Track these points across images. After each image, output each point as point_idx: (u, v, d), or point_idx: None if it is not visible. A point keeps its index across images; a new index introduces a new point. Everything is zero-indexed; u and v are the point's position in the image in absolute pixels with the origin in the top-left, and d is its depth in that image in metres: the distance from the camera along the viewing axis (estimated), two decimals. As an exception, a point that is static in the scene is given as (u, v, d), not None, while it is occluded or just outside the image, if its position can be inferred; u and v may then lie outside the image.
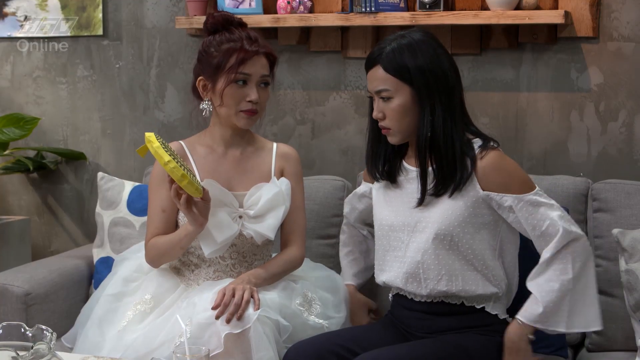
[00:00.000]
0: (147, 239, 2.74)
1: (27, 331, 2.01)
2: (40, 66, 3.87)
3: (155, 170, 2.76)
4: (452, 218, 2.46)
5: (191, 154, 2.77)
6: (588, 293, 2.46)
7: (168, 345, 2.47)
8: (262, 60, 2.69)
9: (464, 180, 2.45)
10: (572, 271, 2.42)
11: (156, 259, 2.74)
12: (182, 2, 3.63)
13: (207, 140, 2.80)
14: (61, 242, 3.91)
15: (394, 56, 2.45)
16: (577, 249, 2.43)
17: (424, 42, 2.47)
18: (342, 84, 3.47)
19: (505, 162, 2.48)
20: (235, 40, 2.68)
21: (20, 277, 2.98)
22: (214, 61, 2.68)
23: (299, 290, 2.69)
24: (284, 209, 2.70)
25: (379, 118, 2.50)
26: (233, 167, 2.76)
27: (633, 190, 2.89)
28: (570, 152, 3.22)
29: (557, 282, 2.42)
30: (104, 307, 2.74)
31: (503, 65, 3.27)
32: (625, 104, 3.14)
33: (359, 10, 3.22)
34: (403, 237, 2.53)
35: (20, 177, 3.94)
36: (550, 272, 2.43)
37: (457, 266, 2.48)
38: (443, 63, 2.46)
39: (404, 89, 2.45)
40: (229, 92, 2.67)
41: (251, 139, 2.83)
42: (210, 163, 2.76)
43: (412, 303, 2.57)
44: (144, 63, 3.73)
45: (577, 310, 2.44)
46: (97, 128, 3.82)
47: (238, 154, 2.79)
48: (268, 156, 2.82)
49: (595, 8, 3.11)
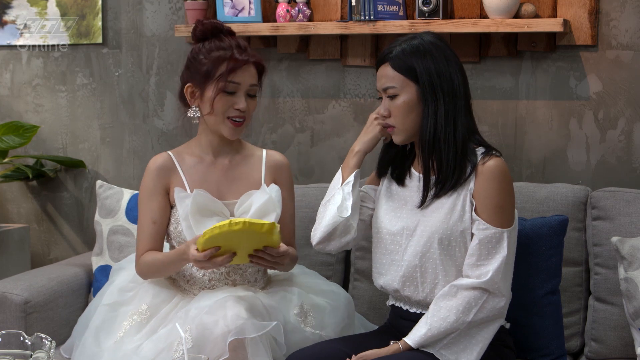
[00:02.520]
0: (139, 253, 2.74)
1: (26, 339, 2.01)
2: (40, 74, 3.88)
3: (145, 183, 2.76)
4: (450, 222, 2.46)
5: (179, 164, 2.77)
6: (474, 343, 2.44)
7: (166, 355, 2.47)
8: (251, 70, 2.70)
9: (461, 182, 2.46)
10: (472, 317, 2.42)
11: (148, 275, 2.76)
12: (181, 11, 3.63)
13: (195, 149, 2.80)
14: (60, 250, 3.91)
15: (403, 55, 2.48)
16: (490, 304, 2.43)
17: (434, 45, 2.49)
18: (342, 92, 3.47)
19: (504, 175, 2.47)
20: (225, 49, 2.68)
21: (20, 285, 2.97)
22: (203, 69, 2.68)
23: (295, 301, 2.70)
24: (275, 216, 2.69)
25: (384, 116, 2.53)
26: (222, 176, 2.76)
27: (632, 198, 2.89)
28: (569, 160, 3.22)
29: (454, 316, 2.42)
30: (100, 317, 2.73)
31: (502, 74, 3.27)
32: (624, 112, 3.15)
33: (358, 18, 3.22)
34: (401, 240, 2.54)
35: (20, 185, 3.94)
36: (458, 300, 2.42)
37: (453, 272, 2.48)
38: (451, 67, 2.48)
39: (409, 86, 2.47)
40: (218, 100, 2.67)
41: (239, 147, 2.83)
42: (199, 172, 2.76)
43: (408, 314, 2.57)
44: (143, 71, 3.73)
45: (454, 346, 2.43)
46: (97, 136, 3.82)
47: (227, 162, 2.79)
48: (257, 163, 2.81)
49: (594, 16, 3.12)
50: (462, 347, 2.43)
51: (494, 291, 2.43)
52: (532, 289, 2.71)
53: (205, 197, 2.66)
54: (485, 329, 2.45)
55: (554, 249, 2.75)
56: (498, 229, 2.44)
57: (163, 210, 2.74)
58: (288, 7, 3.36)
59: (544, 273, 2.73)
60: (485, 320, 2.44)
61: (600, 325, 2.86)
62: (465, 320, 2.42)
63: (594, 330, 2.88)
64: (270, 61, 3.51)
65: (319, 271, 3.02)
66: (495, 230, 2.44)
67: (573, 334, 2.92)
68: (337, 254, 3.17)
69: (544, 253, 2.73)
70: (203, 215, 2.63)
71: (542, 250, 2.72)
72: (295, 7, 3.36)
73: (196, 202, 2.64)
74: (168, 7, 3.66)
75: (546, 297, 2.73)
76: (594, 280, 2.89)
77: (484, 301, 2.43)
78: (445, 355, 2.43)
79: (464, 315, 2.42)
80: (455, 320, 2.41)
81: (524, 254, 2.65)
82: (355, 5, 3.22)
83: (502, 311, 2.47)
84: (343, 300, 2.81)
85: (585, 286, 2.94)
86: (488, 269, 2.43)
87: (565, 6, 3.13)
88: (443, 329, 2.41)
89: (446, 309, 2.43)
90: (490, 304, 2.43)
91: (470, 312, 2.42)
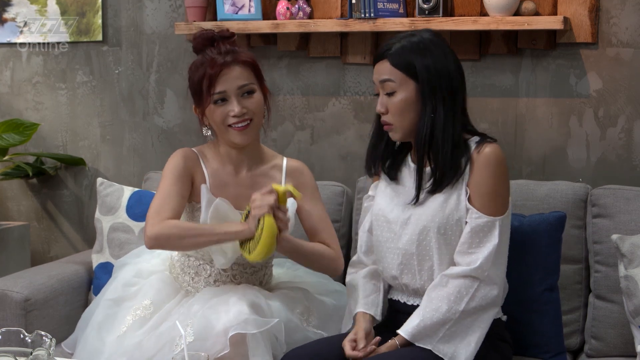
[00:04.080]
0: (163, 216, 2.58)
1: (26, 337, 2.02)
2: (40, 72, 3.88)
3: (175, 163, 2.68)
4: (447, 211, 2.46)
5: (204, 163, 2.75)
6: (470, 333, 2.43)
7: (168, 351, 2.48)
8: (235, 71, 2.65)
9: (457, 178, 2.46)
10: (464, 306, 2.42)
11: (168, 239, 2.57)
12: (181, 8, 3.63)
13: (218, 155, 2.76)
14: (60, 248, 3.91)
15: (402, 52, 2.47)
16: (482, 292, 2.43)
17: (432, 42, 2.48)
18: (342, 90, 3.47)
19: (500, 162, 2.46)
20: (204, 63, 2.65)
21: (20, 282, 2.98)
22: (194, 89, 2.69)
23: (299, 300, 2.71)
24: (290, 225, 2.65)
25: (381, 112, 2.52)
26: (243, 187, 2.73)
27: (632, 196, 2.89)
28: (569, 157, 3.22)
29: (446, 306, 2.42)
30: (103, 312, 2.74)
31: (502, 71, 3.27)
32: (624, 110, 3.15)
33: (358, 16, 3.22)
34: (396, 229, 2.54)
35: (20, 183, 3.94)
36: (449, 290, 2.43)
37: (448, 259, 2.48)
38: (450, 64, 2.47)
39: (408, 83, 2.46)
40: (213, 113, 2.66)
41: (259, 156, 2.78)
42: (220, 178, 2.73)
43: (406, 307, 2.57)
44: (143, 69, 3.73)
45: (451, 339, 2.42)
46: (97, 134, 3.82)
47: (248, 174, 2.75)
48: (278, 174, 2.78)
49: (595, 14, 3.12)
50: (459, 340, 2.42)
51: (484, 279, 2.43)
52: (531, 286, 2.71)
53: (226, 206, 2.65)
54: (479, 319, 2.44)
55: (552, 245, 2.75)
56: (490, 217, 2.43)
57: (188, 192, 2.69)
58: (288, 4, 3.36)
59: (542, 270, 2.73)
60: (478, 309, 2.43)
61: (600, 323, 2.86)
62: (457, 309, 2.41)
63: (594, 327, 2.88)
64: (270, 59, 3.51)
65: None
66: (488, 219, 2.43)
67: (573, 331, 2.92)
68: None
69: (542, 250, 2.73)
70: (220, 222, 2.62)
71: (540, 246, 2.72)
72: (295, 5, 3.36)
73: (217, 209, 2.64)
74: (168, 4, 3.66)
75: (545, 294, 2.73)
76: (594, 277, 2.89)
77: (475, 289, 2.42)
78: (443, 350, 2.41)
79: (456, 304, 2.41)
80: (448, 310, 2.41)
81: (522, 250, 2.65)
82: (355, 2, 3.22)
83: (495, 300, 2.46)
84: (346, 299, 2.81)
85: (586, 284, 2.94)
86: (478, 256, 2.43)
87: (565, 4, 3.13)
88: (436, 319, 2.41)
89: (438, 299, 2.43)
90: (482, 292, 2.43)
91: (462, 301, 2.42)
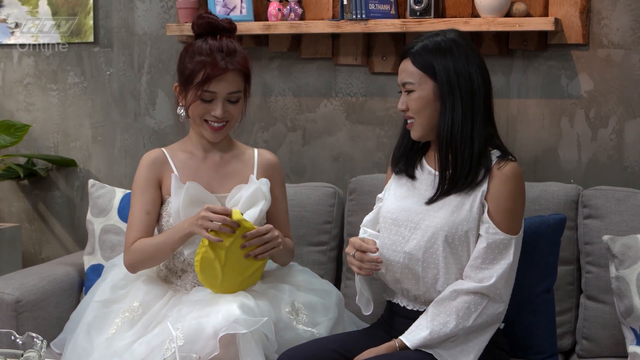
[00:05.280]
0: (129, 242, 2.72)
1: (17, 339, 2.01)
2: (31, 73, 3.87)
3: (139, 175, 2.76)
4: (457, 220, 2.47)
5: (172, 160, 2.78)
6: (471, 345, 2.45)
7: (158, 353, 2.47)
8: (232, 77, 2.67)
9: (474, 184, 2.47)
10: (472, 322, 2.43)
11: (139, 263, 2.72)
12: (173, 9, 3.63)
13: (188, 145, 2.82)
14: (52, 249, 3.90)
15: (423, 52, 2.50)
16: (490, 310, 2.45)
17: (455, 43, 2.50)
18: (333, 91, 3.47)
19: (520, 181, 2.50)
20: (207, 54, 2.65)
21: (11, 284, 2.97)
22: (185, 72, 2.69)
23: (287, 299, 2.70)
24: (264, 204, 2.70)
25: (401, 110, 2.55)
26: (213, 171, 2.78)
27: (623, 197, 2.89)
28: (560, 158, 3.23)
29: (454, 321, 2.43)
30: (92, 313, 2.73)
31: (493, 72, 3.26)
32: (616, 111, 3.15)
33: (350, 17, 3.22)
34: (405, 232, 2.54)
35: (11, 184, 3.93)
36: (458, 305, 2.43)
37: (454, 270, 2.48)
38: (471, 65, 2.49)
39: (427, 82, 2.49)
40: (194, 107, 2.68)
41: (230, 145, 2.84)
42: (190, 167, 2.77)
43: (405, 311, 2.57)
44: (134, 70, 3.73)
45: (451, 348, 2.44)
46: (88, 135, 3.82)
47: (218, 158, 2.80)
48: (249, 161, 2.82)
49: (585, 15, 3.12)
50: (460, 350, 2.44)
51: (495, 297, 2.44)
52: (528, 288, 2.71)
53: (198, 189, 2.67)
54: (483, 333, 2.46)
55: (551, 247, 2.75)
56: (507, 235, 2.45)
57: (156, 203, 2.74)
58: (280, 5, 3.36)
59: (540, 272, 2.73)
60: (484, 326, 2.45)
61: (592, 324, 2.87)
62: (465, 325, 2.43)
63: (585, 328, 2.88)
64: (262, 60, 3.51)
65: (311, 269, 3.01)
66: (505, 236, 2.45)
67: (564, 332, 2.92)
68: (328, 252, 3.17)
69: (541, 252, 2.73)
70: (195, 207, 2.63)
71: (539, 248, 2.73)
72: (286, 6, 3.36)
73: (189, 194, 2.65)
74: (159, 5, 3.66)
75: (541, 296, 2.74)
76: (586, 278, 2.90)
77: (484, 307, 2.44)
78: (443, 356, 2.43)
79: (464, 320, 2.43)
80: (456, 326, 2.42)
81: (521, 252, 2.66)
82: (346, 4, 3.22)
83: (500, 317, 2.49)
84: (335, 298, 2.81)
85: (577, 284, 2.95)
86: (492, 273, 2.44)
87: (556, 5, 3.13)
88: (443, 333, 2.42)
89: (446, 314, 2.43)
90: (490, 310, 2.45)
91: (470, 317, 2.43)
